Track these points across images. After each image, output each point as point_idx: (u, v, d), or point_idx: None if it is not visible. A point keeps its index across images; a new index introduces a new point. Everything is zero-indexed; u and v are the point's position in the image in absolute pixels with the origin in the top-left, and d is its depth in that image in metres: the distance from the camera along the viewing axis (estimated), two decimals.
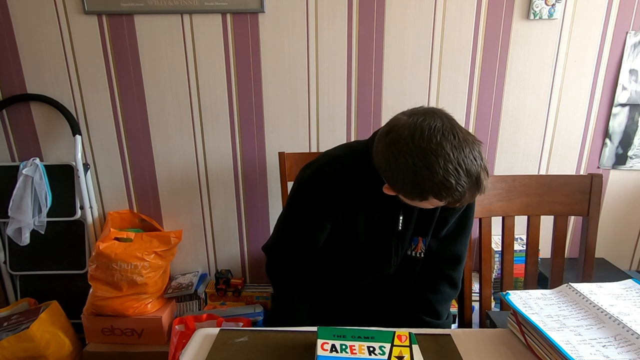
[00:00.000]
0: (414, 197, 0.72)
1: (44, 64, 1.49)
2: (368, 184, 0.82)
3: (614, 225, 1.67)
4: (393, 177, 0.72)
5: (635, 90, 1.50)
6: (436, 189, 0.68)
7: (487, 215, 1.04)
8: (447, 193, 0.67)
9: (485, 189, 0.70)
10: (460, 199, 0.69)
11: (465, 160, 0.66)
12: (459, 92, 1.52)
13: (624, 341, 0.61)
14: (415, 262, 0.91)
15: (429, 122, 0.69)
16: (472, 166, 0.67)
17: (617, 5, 1.42)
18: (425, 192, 0.69)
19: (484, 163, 0.69)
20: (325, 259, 0.95)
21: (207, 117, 1.56)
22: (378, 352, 0.63)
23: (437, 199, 0.70)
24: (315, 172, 0.87)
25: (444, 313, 0.93)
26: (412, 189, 0.70)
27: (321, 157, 0.90)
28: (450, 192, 0.67)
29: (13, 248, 1.62)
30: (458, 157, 0.66)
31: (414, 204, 0.76)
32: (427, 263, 0.91)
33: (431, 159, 0.66)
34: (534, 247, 1.07)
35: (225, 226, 1.69)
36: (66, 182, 1.56)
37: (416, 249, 0.90)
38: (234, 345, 0.71)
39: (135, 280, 1.47)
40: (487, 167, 0.70)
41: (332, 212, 0.86)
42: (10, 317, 1.49)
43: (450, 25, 1.45)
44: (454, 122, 0.70)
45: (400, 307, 0.94)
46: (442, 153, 0.66)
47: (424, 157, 0.66)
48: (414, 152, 0.67)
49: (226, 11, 1.44)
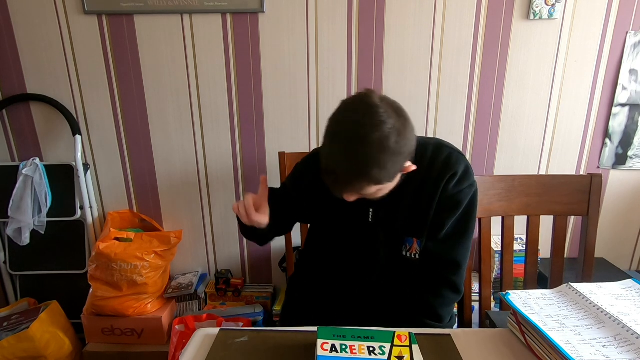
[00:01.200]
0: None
1: (44, 64, 1.49)
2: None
3: (614, 225, 1.67)
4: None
5: (635, 90, 1.50)
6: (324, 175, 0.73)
7: (486, 215, 1.04)
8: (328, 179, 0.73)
9: (373, 179, 0.71)
10: (336, 186, 0.73)
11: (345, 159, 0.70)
12: (459, 92, 1.52)
13: (624, 341, 0.61)
14: (410, 263, 0.89)
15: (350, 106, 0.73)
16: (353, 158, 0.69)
17: (617, 5, 1.42)
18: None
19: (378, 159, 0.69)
20: (324, 245, 0.98)
21: (207, 117, 1.56)
22: (378, 352, 0.63)
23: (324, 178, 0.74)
24: (307, 158, 0.97)
25: (446, 316, 0.91)
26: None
27: (314, 150, 0.98)
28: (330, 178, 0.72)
29: (13, 248, 1.62)
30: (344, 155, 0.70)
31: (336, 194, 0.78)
32: (427, 266, 0.89)
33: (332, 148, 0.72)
34: (534, 247, 1.07)
35: (225, 226, 1.69)
36: (66, 182, 1.56)
37: (411, 250, 0.88)
38: (234, 345, 0.71)
39: (135, 280, 1.47)
40: (384, 163, 0.70)
41: (306, 190, 0.93)
42: (10, 317, 1.49)
43: (450, 25, 1.45)
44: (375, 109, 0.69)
45: (402, 309, 0.93)
46: (341, 146, 0.70)
47: (333, 145, 0.72)
48: (330, 138, 0.73)
49: (226, 11, 1.44)
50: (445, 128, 1.56)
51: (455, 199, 0.84)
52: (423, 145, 0.86)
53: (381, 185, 0.75)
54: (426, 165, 0.84)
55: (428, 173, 0.84)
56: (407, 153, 0.73)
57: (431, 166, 0.84)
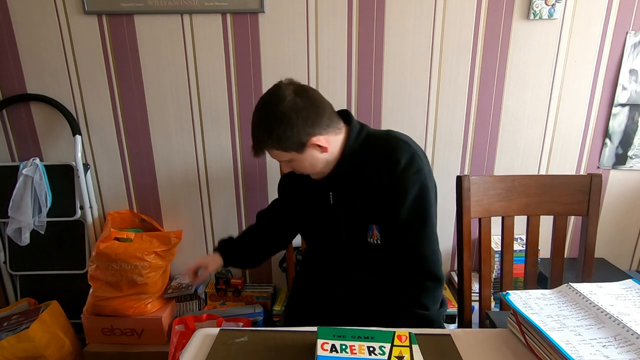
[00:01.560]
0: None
1: (44, 64, 1.49)
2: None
3: (613, 225, 1.67)
4: None
5: (635, 90, 1.50)
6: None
7: (486, 215, 1.04)
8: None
9: (263, 144, 0.89)
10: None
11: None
12: (459, 92, 1.52)
13: (624, 341, 0.61)
14: (374, 248, 0.94)
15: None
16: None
17: (617, 5, 1.42)
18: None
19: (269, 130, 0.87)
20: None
21: (207, 117, 1.56)
22: (378, 352, 0.63)
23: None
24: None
25: (431, 304, 0.93)
26: None
27: None
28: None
29: (13, 248, 1.62)
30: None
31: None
32: (399, 257, 0.93)
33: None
34: (534, 247, 1.07)
35: (225, 226, 1.69)
36: (66, 182, 1.56)
37: (373, 236, 0.94)
38: (234, 345, 0.71)
39: (135, 280, 1.47)
40: (273, 133, 0.86)
41: (288, 191, 1.09)
42: (10, 317, 1.49)
43: (450, 25, 1.45)
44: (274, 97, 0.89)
45: (389, 301, 0.95)
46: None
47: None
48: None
49: (226, 11, 1.44)
50: (445, 128, 1.56)
51: (401, 185, 0.88)
52: (374, 136, 0.95)
53: (285, 152, 0.89)
54: (376, 155, 0.91)
55: (377, 162, 0.91)
56: (302, 127, 0.86)
57: (380, 155, 0.91)
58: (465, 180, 1.02)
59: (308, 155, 0.90)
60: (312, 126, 0.87)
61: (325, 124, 0.89)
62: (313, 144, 0.88)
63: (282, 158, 0.91)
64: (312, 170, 0.94)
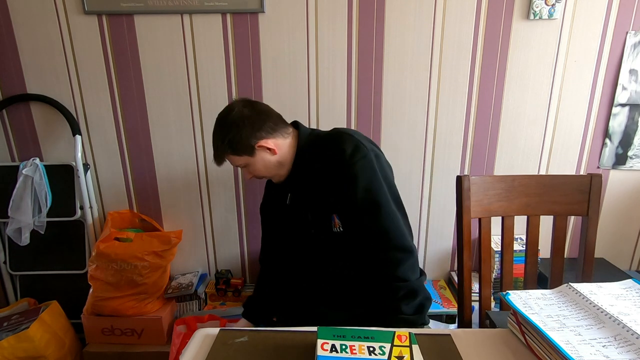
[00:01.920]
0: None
1: (44, 64, 1.49)
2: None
3: (613, 225, 1.67)
4: None
5: (635, 90, 1.50)
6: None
7: (486, 215, 1.04)
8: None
9: (220, 151, 1.04)
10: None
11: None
12: (459, 92, 1.52)
13: (624, 341, 0.61)
14: (340, 237, 1.01)
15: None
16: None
17: (617, 5, 1.42)
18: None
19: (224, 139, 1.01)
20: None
21: (207, 117, 1.56)
22: (378, 352, 0.63)
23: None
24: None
25: (411, 274, 0.96)
26: None
27: None
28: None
29: (13, 248, 1.62)
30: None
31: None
32: (367, 242, 0.97)
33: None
34: (534, 247, 1.07)
35: (225, 226, 1.69)
36: (66, 182, 1.56)
37: (335, 225, 1.01)
38: (234, 345, 0.71)
39: (135, 280, 1.47)
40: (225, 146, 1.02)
41: (267, 203, 1.22)
42: (10, 317, 1.49)
43: (450, 25, 1.45)
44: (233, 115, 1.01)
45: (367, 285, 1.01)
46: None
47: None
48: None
49: (226, 11, 1.44)
50: (445, 128, 1.56)
51: (350, 172, 0.93)
52: (321, 135, 1.07)
53: (239, 157, 1.03)
54: (323, 150, 1.00)
55: (325, 156, 0.99)
56: (249, 131, 0.99)
57: (326, 150, 1.00)
58: (465, 180, 1.02)
59: (259, 158, 1.03)
60: (259, 130, 1.00)
61: (270, 128, 1.02)
62: (261, 146, 1.01)
63: (238, 162, 1.05)
64: (267, 172, 1.06)
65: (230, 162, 1.06)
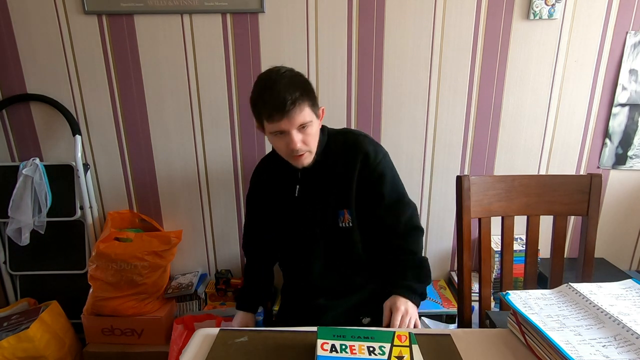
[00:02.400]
0: (255, 116, 0.98)
1: (44, 64, 1.49)
2: (279, 167, 1.08)
3: (613, 225, 1.67)
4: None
5: (635, 90, 1.50)
6: (256, 105, 0.95)
7: (486, 215, 1.04)
8: (262, 103, 0.93)
9: (287, 101, 0.90)
10: (274, 109, 0.91)
11: (270, 87, 0.92)
12: (459, 91, 1.52)
13: (624, 341, 0.61)
14: (347, 231, 1.05)
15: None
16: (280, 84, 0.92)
17: (617, 5, 1.42)
18: (255, 111, 0.97)
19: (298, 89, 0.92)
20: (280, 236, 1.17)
21: (207, 117, 1.56)
22: (378, 352, 0.63)
23: (263, 114, 0.94)
24: (257, 164, 1.19)
25: (419, 250, 1.07)
26: (252, 111, 0.98)
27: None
28: (263, 101, 0.92)
29: (13, 248, 1.62)
30: (268, 84, 0.94)
31: (269, 130, 0.96)
32: (390, 232, 1.05)
33: (258, 85, 0.96)
34: (534, 247, 1.06)
35: (225, 226, 1.70)
36: (66, 182, 1.56)
37: (344, 220, 1.05)
38: (234, 345, 0.72)
39: (135, 280, 1.47)
40: (301, 96, 0.92)
41: (261, 194, 1.15)
42: (10, 317, 1.49)
43: (450, 25, 1.45)
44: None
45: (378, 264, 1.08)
46: (263, 82, 0.95)
47: (256, 85, 0.97)
48: (256, 83, 0.98)
49: (226, 11, 1.44)
50: (445, 128, 1.56)
51: (378, 171, 1.03)
52: (334, 134, 1.09)
53: (311, 111, 0.94)
54: (338, 150, 1.05)
55: (340, 156, 1.04)
56: (314, 94, 0.96)
57: (342, 150, 1.04)
58: (465, 180, 1.02)
59: (316, 124, 0.99)
60: (316, 101, 0.99)
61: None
62: (322, 112, 1.02)
63: (306, 118, 0.93)
64: (314, 143, 0.99)
65: (297, 118, 0.92)
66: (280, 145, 0.98)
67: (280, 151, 1.00)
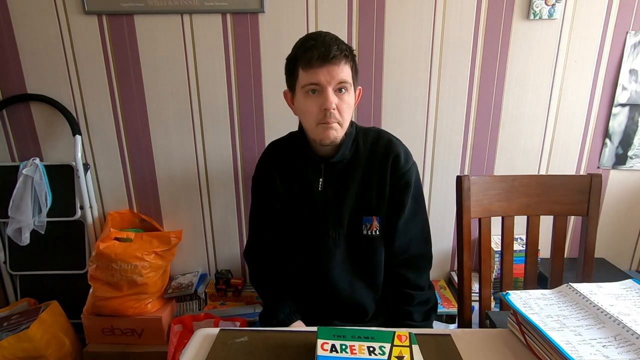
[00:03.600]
0: (291, 70, 0.91)
1: (44, 64, 1.49)
2: (299, 154, 0.98)
3: (613, 225, 1.67)
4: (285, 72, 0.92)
5: (635, 90, 1.50)
6: (297, 49, 0.89)
7: (486, 215, 1.04)
8: (305, 46, 0.86)
9: (337, 49, 0.84)
10: (314, 50, 0.84)
11: (315, 36, 0.87)
12: (459, 92, 1.52)
13: (624, 341, 0.61)
14: (372, 240, 0.97)
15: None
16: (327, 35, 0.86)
17: (617, 5, 1.42)
18: (293, 59, 0.90)
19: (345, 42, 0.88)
20: (288, 238, 1.03)
21: (207, 117, 1.56)
22: (378, 352, 0.63)
23: (301, 59, 0.87)
24: (262, 156, 1.04)
25: (425, 285, 1.01)
26: (287, 66, 0.92)
27: (267, 145, 1.06)
28: (307, 45, 0.86)
29: (13, 248, 1.62)
30: (313, 35, 0.88)
31: (303, 82, 0.87)
32: (403, 246, 0.98)
33: (301, 40, 0.91)
34: (534, 247, 1.06)
35: (225, 226, 1.69)
36: (66, 182, 1.56)
37: (371, 228, 0.96)
38: (234, 345, 0.71)
39: (135, 280, 1.47)
40: (349, 47, 0.88)
41: (276, 187, 0.99)
42: (10, 317, 1.49)
43: (450, 25, 1.45)
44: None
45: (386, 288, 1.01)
46: (306, 36, 0.90)
47: (297, 42, 0.92)
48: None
49: (226, 11, 1.44)
50: (445, 128, 1.56)
51: (405, 177, 0.96)
52: (365, 132, 1.00)
53: (351, 72, 0.88)
54: (369, 149, 0.97)
55: (372, 156, 0.96)
56: (357, 65, 0.91)
57: (374, 150, 0.96)
58: (465, 180, 1.02)
59: (353, 97, 0.91)
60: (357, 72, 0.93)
61: None
62: (359, 92, 0.96)
63: (346, 77, 0.86)
64: (348, 115, 0.91)
65: (339, 71, 0.85)
66: (311, 107, 0.86)
67: (309, 115, 0.88)
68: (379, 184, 0.95)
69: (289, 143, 1.02)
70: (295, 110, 0.95)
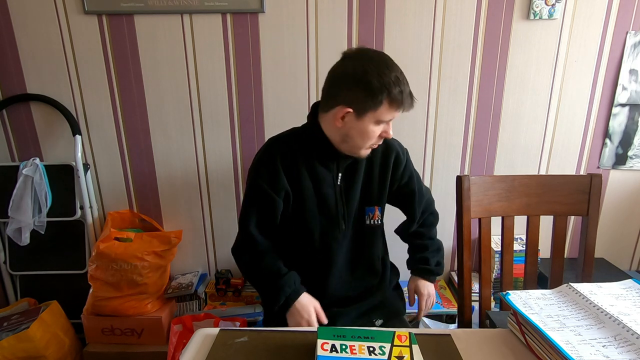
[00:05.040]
0: (371, 99, 0.87)
1: (44, 64, 1.49)
2: (308, 152, 0.99)
3: (614, 225, 1.67)
4: (350, 89, 0.88)
5: (635, 90, 1.50)
6: (389, 86, 0.85)
7: (486, 215, 1.04)
8: (398, 89, 0.86)
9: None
10: (407, 98, 0.89)
11: (399, 73, 0.89)
12: (459, 92, 1.52)
13: (624, 341, 0.61)
14: (375, 229, 1.07)
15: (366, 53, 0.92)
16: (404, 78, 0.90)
17: (617, 5, 1.43)
18: (379, 92, 0.86)
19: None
20: (292, 233, 1.04)
21: (207, 117, 1.56)
22: (378, 352, 0.63)
23: (390, 98, 0.86)
24: (264, 151, 1.01)
25: (435, 236, 1.20)
26: (366, 92, 0.86)
27: (267, 140, 1.06)
28: (399, 89, 0.86)
29: (13, 248, 1.62)
30: (395, 68, 0.88)
31: (381, 116, 0.89)
32: (421, 216, 1.14)
33: (379, 64, 0.87)
34: (534, 247, 1.06)
35: (225, 226, 1.69)
36: (66, 182, 1.56)
37: (374, 217, 1.05)
38: (234, 345, 0.71)
39: (135, 280, 1.47)
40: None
41: (282, 183, 0.97)
42: (10, 317, 1.49)
43: (450, 25, 1.45)
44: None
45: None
46: (383, 63, 0.88)
47: (371, 63, 0.87)
48: (364, 61, 0.88)
49: (226, 11, 1.44)
50: (445, 128, 1.56)
51: (408, 169, 1.10)
52: None
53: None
54: (380, 147, 1.03)
55: (384, 153, 1.05)
56: None
57: (382, 147, 1.03)
58: (465, 180, 1.02)
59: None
60: None
61: None
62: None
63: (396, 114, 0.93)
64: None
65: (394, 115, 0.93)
66: (374, 134, 0.92)
67: (369, 140, 0.93)
68: (380, 176, 1.04)
69: (293, 139, 1.01)
70: (344, 127, 0.92)
